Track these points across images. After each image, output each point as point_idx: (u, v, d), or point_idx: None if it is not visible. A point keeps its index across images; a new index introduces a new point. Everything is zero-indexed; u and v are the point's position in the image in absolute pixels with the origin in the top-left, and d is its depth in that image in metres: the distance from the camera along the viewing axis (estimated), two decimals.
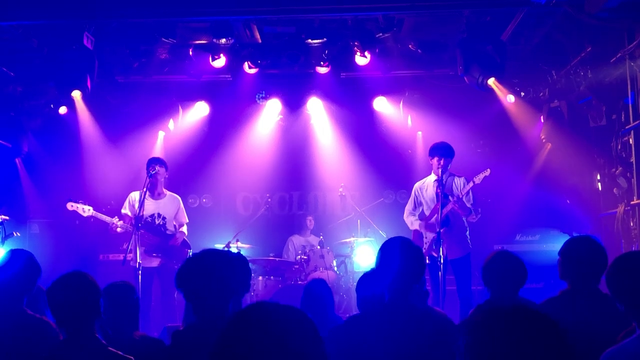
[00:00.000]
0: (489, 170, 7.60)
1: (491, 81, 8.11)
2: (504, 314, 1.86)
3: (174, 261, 8.06)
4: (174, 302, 7.96)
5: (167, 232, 8.22)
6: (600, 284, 3.95)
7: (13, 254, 4.26)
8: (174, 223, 8.37)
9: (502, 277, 4.32)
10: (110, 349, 3.37)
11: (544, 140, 10.08)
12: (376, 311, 3.67)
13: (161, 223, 8.19)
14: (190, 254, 8.29)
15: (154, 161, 8.21)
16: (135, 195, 8.21)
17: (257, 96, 10.51)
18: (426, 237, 7.87)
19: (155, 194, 8.24)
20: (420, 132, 11.03)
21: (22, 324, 4.02)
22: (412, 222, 8.04)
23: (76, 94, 8.46)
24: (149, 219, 8.08)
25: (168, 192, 8.44)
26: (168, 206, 8.33)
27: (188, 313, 4.79)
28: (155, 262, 8.01)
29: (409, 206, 8.21)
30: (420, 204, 8.09)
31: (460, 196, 7.56)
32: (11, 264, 4.15)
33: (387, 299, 3.63)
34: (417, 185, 8.18)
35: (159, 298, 8.09)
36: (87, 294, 3.42)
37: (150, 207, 8.13)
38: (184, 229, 8.46)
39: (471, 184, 7.58)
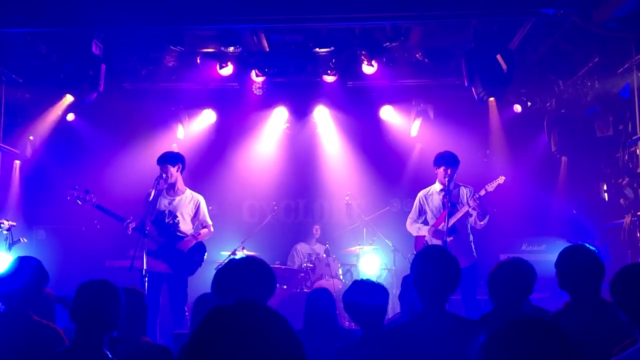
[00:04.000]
0: (503, 177, 7.59)
1: (491, 100, 8.18)
2: (518, 328, 1.85)
3: (181, 270, 7.55)
4: (183, 310, 7.50)
5: (178, 233, 7.61)
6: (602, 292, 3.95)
7: (22, 261, 4.24)
8: (197, 223, 7.85)
9: (503, 287, 4.27)
10: None
11: (556, 154, 10.05)
12: (410, 322, 3.62)
13: (171, 222, 7.60)
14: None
15: (160, 161, 7.67)
16: (151, 192, 7.49)
17: (253, 87, 10.44)
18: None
19: (170, 190, 7.72)
20: (419, 144, 11.01)
21: (29, 330, 4.03)
22: (420, 228, 7.99)
23: (68, 99, 8.46)
24: (159, 216, 7.57)
25: (188, 190, 7.84)
26: (183, 205, 7.72)
27: (194, 320, 4.81)
28: (162, 267, 7.46)
29: (412, 214, 8.18)
30: (425, 212, 8.07)
31: (473, 203, 7.54)
32: (20, 272, 4.13)
33: (420, 308, 3.60)
34: (421, 193, 8.15)
35: (168, 305, 7.63)
36: (113, 306, 3.43)
37: (163, 203, 7.62)
38: (205, 231, 7.88)
39: (483, 192, 7.57)
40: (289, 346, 1.83)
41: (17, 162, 10.17)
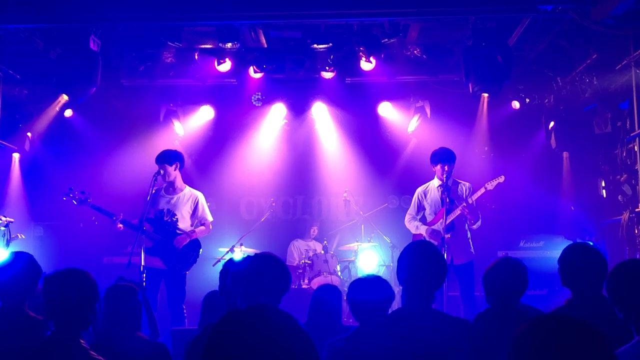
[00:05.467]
0: (502, 177, 7.61)
1: (484, 95, 8.20)
2: (555, 324, 1.83)
3: (175, 266, 7.59)
4: (181, 307, 7.54)
5: (178, 231, 7.65)
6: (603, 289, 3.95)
7: (14, 255, 4.31)
8: (196, 221, 7.89)
9: (498, 286, 4.29)
10: (92, 352, 3.30)
11: (556, 150, 10.05)
12: (390, 319, 3.60)
13: (169, 221, 7.66)
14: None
15: (158, 160, 7.73)
16: (150, 190, 7.53)
17: (252, 98, 10.45)
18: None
19: (169, 189, 7.80)
20: (414, 139, 11.00)
21: (23, 325, 4.03)
22: (418, 227, 8.00)
23: (64, 97, 8.46)
24: (158, 215, 7.66)
25: (187, 188, 7.92)
26: (182, 203, 7.78)
27: (204, 317, 4.80)
28: (159, 264, 7.56)
29: (411, 210, 8.19)
30: (423, 208, 8.08)
31: (470, 202, 7.56)
32: (12, 266, 4.17)
33: (403, 303, 3.57)
34: (419, 189, 8.16)
35: (166, 301, 7.68)
36: (85, 293, 3.35)
37: (162, 202, 7.72)
38: (202, 228, 7.90)
39: (483, 190, 7.58)
40: (302, 351, 1.83)
41: (16, 155, 10.15)
